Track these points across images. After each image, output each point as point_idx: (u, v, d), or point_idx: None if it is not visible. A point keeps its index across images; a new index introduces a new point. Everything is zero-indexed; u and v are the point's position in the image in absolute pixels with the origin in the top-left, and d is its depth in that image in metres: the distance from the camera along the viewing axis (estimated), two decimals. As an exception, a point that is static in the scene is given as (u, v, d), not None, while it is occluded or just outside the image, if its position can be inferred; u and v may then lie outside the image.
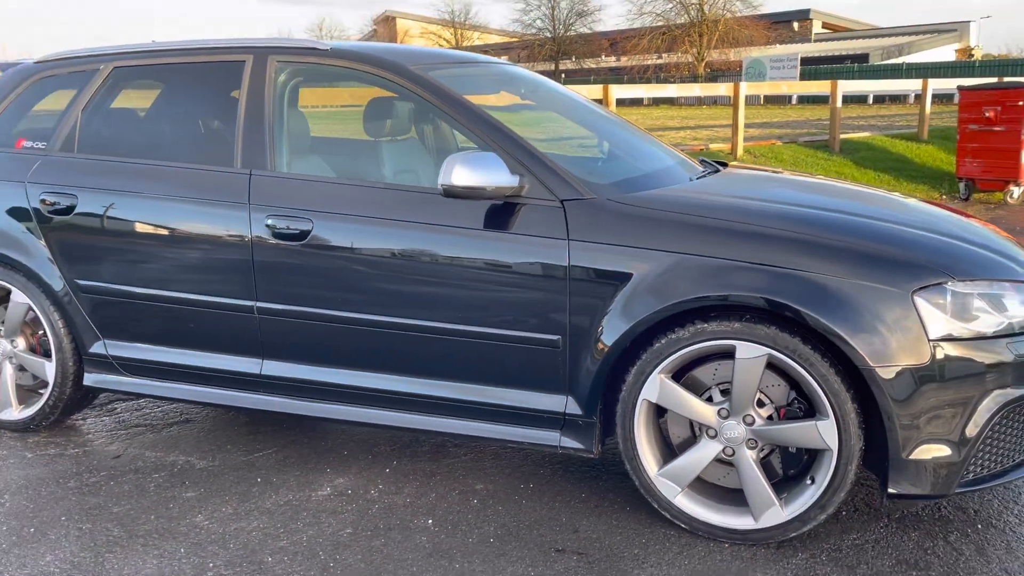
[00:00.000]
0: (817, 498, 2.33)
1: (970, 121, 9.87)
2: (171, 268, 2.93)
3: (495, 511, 2.65)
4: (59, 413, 3.23)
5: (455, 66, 3.11)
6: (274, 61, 2.94)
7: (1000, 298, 2.33)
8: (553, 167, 2.55)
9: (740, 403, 2.36)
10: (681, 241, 2.39)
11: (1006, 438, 2.36)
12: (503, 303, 2.55)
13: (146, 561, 2.38)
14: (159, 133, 3.18)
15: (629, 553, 2.40)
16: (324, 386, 2.81)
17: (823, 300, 2.24)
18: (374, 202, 2.71)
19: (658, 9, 43.54)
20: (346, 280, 2.71)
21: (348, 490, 2.80)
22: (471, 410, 2.66)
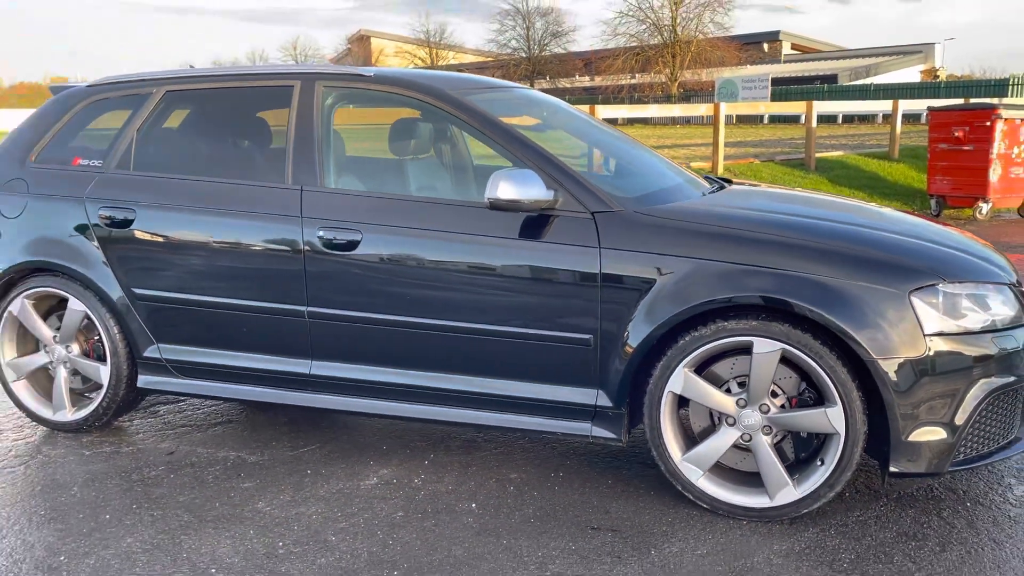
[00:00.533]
0: (827, 478, 2.61)
1: (940, 140, 10.33)
2: (225, 277, 3.16)
3: (531, 496, 2.90)
4: (111, 414, 3.43)
5: (487, 91, 3.38)
6: (321, 86, 3.20)
7: (984, 298, 2.64)
8: (584, 182, 2.83)
9: (757, 393, 2.64)
10: (700, 248, 2.68)
11: (992, 423, 2.66)
12: (539, 306, 2.81)
13: (220, 542, 2.60)
14: (211, 152, 3.41)
15: (658, 530, 2.66)
16: (371, 384, 3.05)
17: (831, 300, 2.53)
18: (418, 214, 2.97)
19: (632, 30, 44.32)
20: (393, 286, 2.96)
21: (393, 480, 3.03)
22: (510, 404, 2.91)
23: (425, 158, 3.76)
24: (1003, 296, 2.69)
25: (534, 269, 2.81)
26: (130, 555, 2.53)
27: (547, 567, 2.45)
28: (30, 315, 3.43)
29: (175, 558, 2.51)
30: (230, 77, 3.41)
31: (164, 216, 3.22)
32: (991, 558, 2.48)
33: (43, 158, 3.51)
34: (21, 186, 3.46)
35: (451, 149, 3.94)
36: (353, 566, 2.46)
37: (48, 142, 3.53)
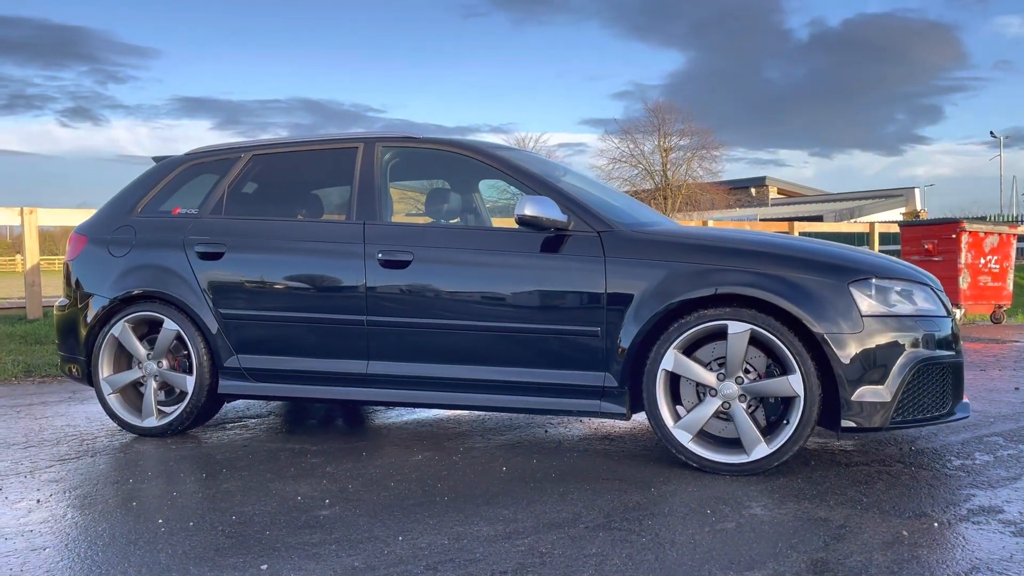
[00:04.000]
0: (792, 434, 3.23)
1: (912, 253, 11.25)
2: (299, 295, 3.87)
3: (551, 464, 3.49)
4: (192, 420, 4.05)
5: (508, 150, 4.22)
6: (379, 146, 4.03)
7: (910, 293, 3.36)
8: (591, 209, 3.61)
9: (733, 367, 3.30)
10: (684, 256, 3.41)
11: (924, 391, 3.30)
12: (558, 305, 3.52)
13: (300, 486, 3.18)
14: (288, 200, 4.21)
15: (657, 479, 3.25)
16: (419, 378, 3.70)
17: (789, 291, 3.24)
18: (459, 239, 3.73)
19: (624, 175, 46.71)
20: (439, 296, 3.67)
21: (435, 457, 3.63)
22: (534, 389, 3.56)
23: (455, 222, 4.57)
24: (925, 294, 3.41)
25: (553, 277, 3.53)
26: (229, 493, 3.11)
27: (567, 496, 3.03)
28: (129, 336, 4.11)
29: (266, 493, 3.10)
30: (305, 143, 4.26)
31: (249, 250, 3.98)
32: (926, 492, 3.07)
33: (147, 211, 4.30)
34: (128, 232, 4.23)
35: (475, 217, 4.76)
36: (410, 496, 3.04)
37: (151, 199, 4.34)
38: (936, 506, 2.91)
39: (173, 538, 2.62)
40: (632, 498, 3.00)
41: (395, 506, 2.92)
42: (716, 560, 2.41)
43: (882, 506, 2.91)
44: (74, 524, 2.79)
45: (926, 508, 2.89)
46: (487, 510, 2.86)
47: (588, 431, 4.15)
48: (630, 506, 2.91)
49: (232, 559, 2.43)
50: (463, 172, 4.47)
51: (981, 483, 3.19)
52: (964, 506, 2.91)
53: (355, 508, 2.90)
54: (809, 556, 2.44)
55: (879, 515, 2.81)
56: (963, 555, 2.45)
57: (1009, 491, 3.08)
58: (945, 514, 2.82)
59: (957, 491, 3.09)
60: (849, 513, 2.83)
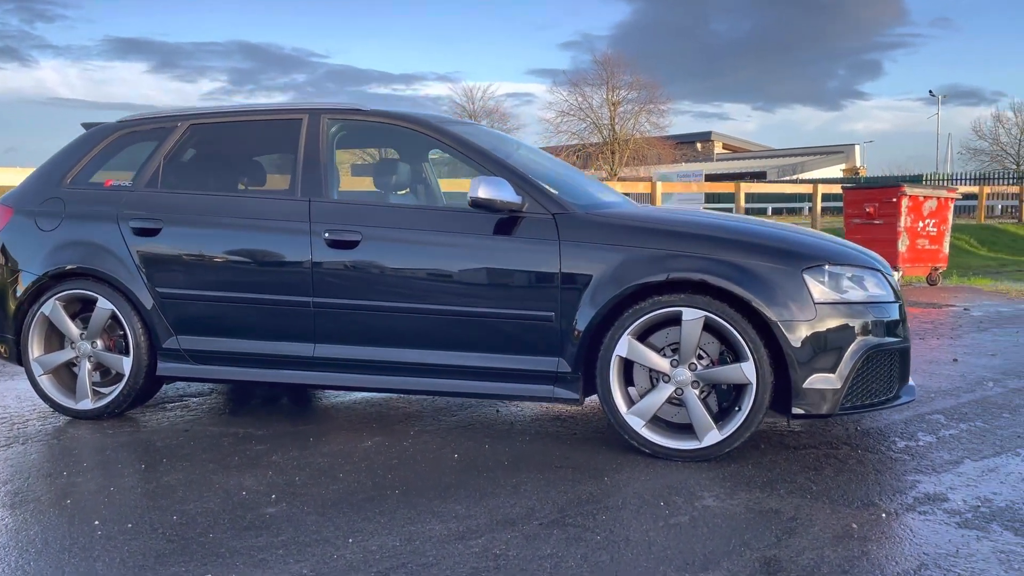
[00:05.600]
0: (744, 420, 3.23)
1: (854, 216, 11.44)
2: (241, 274, 3.72)
3: (504, 450, 3.45)
4: (130, 403, 3.89)
5: (460, 124, 4.08)
6: (325, 118, 3.86)
7: (861, 279, 3.36)
8: (546, 191, 3.52)
9: (686, 354, 3.28)
10: (639, 240, 3.35)
11: (872, 378, 3.33)
12: (511, 289, 3.44)
13: (244, 478, 3.08)
14: (229, 173, 4.02)
15: (609, 467, 3.23)
16: (367, 362, 3.60)
17: (742, 277, 3.22)
18: (409, 218, 3.61)
19: (573, 128, 46.50)
20: (388, 277, 3.56)
21: (385, 443, 3.55)
22: (487, 373, 3.49)
23: (404, 194, 4.43)
24: (876, 279, 3.42)
25: (506, 259, 3.45)
26: (170, 487, 3.00)
27: (520, 488, 2.99)
28: (60, 315, 3.91)
29: (210, 487, 2.99)
30: (247, 112, 4.05)
31: (188, 225, 3.79)
32: (873, 479, 3.12)
33: (76, 182, 4.06)
34: (57, 204, 4.00)
35: (425, 188, 4.63)
36: (360, 490, 2.97)
37: (81, 169, 4.10)
38: (883, 494, 2.95)
39: (111, 543, 2.50)
40: (585, 489, 2.98)
41: (344, 502, 2.85)
42: (671, 559, 2.40)
43: (831, 495, 2.94)
44: (3, 527, 2.66)
45: (874, 496, 2.93)
46: (440, 505, 2.81)
47: (540, 411, 4.12)
48: (584, 498, 2.89)
49: (173, 568, 2.34)
50: (412, 147, 4.32)
51: (925, 467, 3.25)
52: (910, 494, 2.96)
53: (303, 504, 2.82)
54: (762, 553, 2.45)
55: (829, 505, 2.84)
56: (911, 550, 2.49)
57: (952, 476, 3.14)
58: (892, 503, 2.87)
59: (903, 476, 3.14)
60: (799, 503, 2.86)
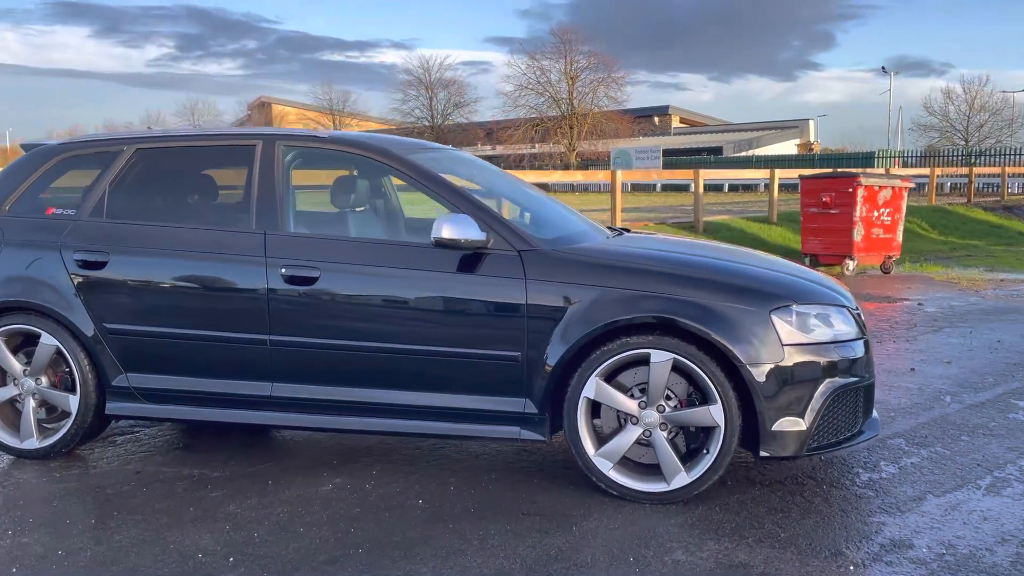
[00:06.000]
0: (712, 463, 3.21)
1: (810, 205, 11.53)
2: (194, 310, 3.57)
3: (469, 494, 3.38)
4: (77, 441, 3.74)
5: (425, 151, 3.95)
6: (280, 145, 3.70)
7: (828, 317, 3.34)
8: (511, 227, 3.42)
9: (654, 396, 3.24)
10: (607, 278, 3.29)
11: (838, 416, 3.32)
12: (475, 328, 3.35)
13: (201, 536, 2.97)
14: (179, 203, 3.84)
15: (577, 512, 3.19)
16: (327, 402, 3.49)
17: (710, 319, 3.17)
18: (370, 253, 3.49)
19: (531, 102, 46.28)
20: (348, 315, 3.44)
21: (347, 486, 3.46)
22: (451, 414, 3.41)
23: (363, 211, 4.30)
24: (842, 316, 3.40)
25: (470, 298, 3.36)
26: (122, 548, 2.88)
27: (487, 542, 2.93)
28: (1, 350, 3.72)
29: (164, 549, 2.87)
30: (197, 138, 3.87)
31: (136, 258, 3.62)
32: (840, 522, 3.12)
33: (16, 208, 3.85)
34: None
35: (385, 203, 4.49)
36: (323, 548, 2.88)
37: (20, 195, 3.88)
38: (850, 540, 2.95)
39: (60, 626, 2.39)
40: (554, 543, 2.93)
41: (306, 564, 2.76)
42: (643, 632, 2.36)
43: (799, 543, 2.93)
44: (-56, 606, 2.52)
45: (840, 544, 2.93)
46: (406, 566, 2.74)
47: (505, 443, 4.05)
48: (552, 555, 2.84)
49: (128, 658, 2.23)
50: (373, 174, 4.17)
51: (889, 506, 3.26)
52: (876, 539, 2.97)
53: (262, 569, 2.72)
54: (734, 621, 2.42)
55: (797, 556, 2.83)
56: (880, 613, 2.48)
57: (916, 517, 3.16)
58: (859, 552, 2.87)
59: (868, 518, 3.15)
60: (768, 555, 2.84)
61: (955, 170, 24.95)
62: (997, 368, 5.62)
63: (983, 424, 4.34)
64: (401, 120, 54.27)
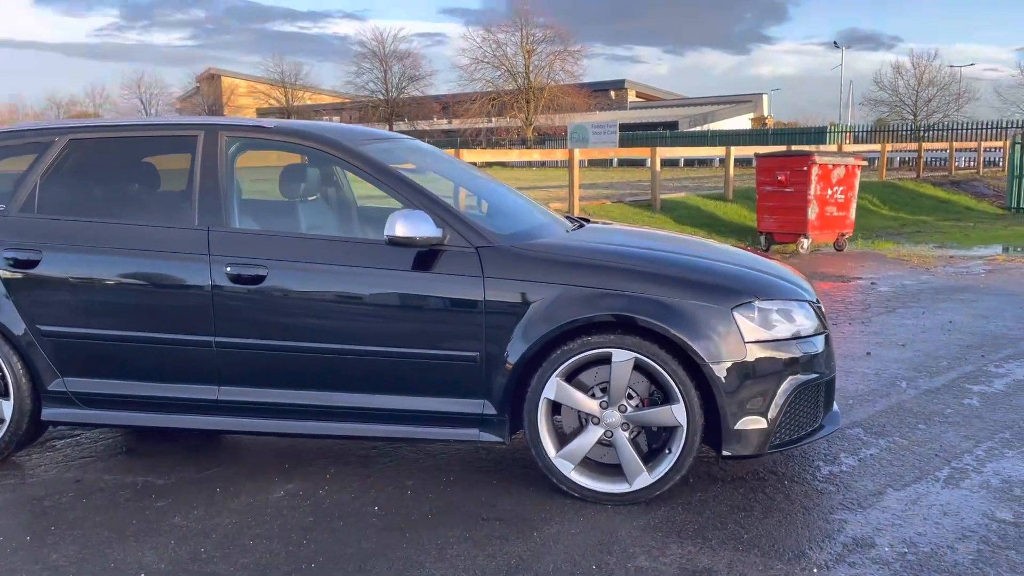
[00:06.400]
0: (674, 463, 3.15)
1: (766, 183, 11.56)
2: (134, 311, 3.39)
3: (426, 498, 3.28)
4: (12, 448, 3.55)
5: (377, 141, 3.79)
6: (224, 136, 3.52)
7: (789, 312, 3.29)
8: (468, 222, 3.30)
9: (616, 396, 3.16)
10: (568, 276, 3.19)
11: (800, 413, 3.29)
12: (432, 329, 3.23)
13: (144, 552, 2.83)
14: (116, 197, 3.64)
15: (538, 516, 3.11)
16: (279, 406, 3.35)
17: (672, 317, 3.10)
18: (320, 251, 3.34)
19: (487, 76, 45.82)
20: (298, 315, 3.30)
21: (299, 492, 3.34)
22: (407, 417, 3.30)
23: (313, 200, 4.13)
24: (804, 311, 3.35)
25: (426, 297, 3.23)
26: (59, 569, 2.72)
27: (446, 551, 2.84)
28: (-74, 355, 3.51)
29: (104, 568, 2.73)
30: (134, 127, 3.66)
31: (71, 256, 3.42)
32: (802, 520, 3.09)
33: (-61, 202, 3.61)
34: None
35: (336, 191, 4.33)
36: (274, 563, 2.76)
37: (-57, 187, 3.64)
38: (813, 541, 2.92)
39: (-11, 661, 2.24)
40: (514, 550, 2.85)
41: (256, 581, 2.64)
42: (607, 649, 2.30)
43: (762, 544, 2.90)
44: None
45: (804, 544, 2.89)
46: (360, 582, 2.63)
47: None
48: (513, 564, 2.76)
49: None
50: (323, 166, 4.01)
51: (851, 502, 3.24)
52: (838, 539, 2.94)
53: (210, 588, 2.60)
54: (699, 633, 2.37)
55: (761, 559, 2.80)
56: (845, 620, 2.45)
57: (877, 512, 3.15)
58: (822, 553, 2.84)
59: (830, 516, 3.13)
60: (732, 558, 2.80)
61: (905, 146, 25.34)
62: (951, 351, 5.68)
63: (939, 411, 4.36)
64: (355, 93, 53.34)
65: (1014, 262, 10.44)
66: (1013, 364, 5.32)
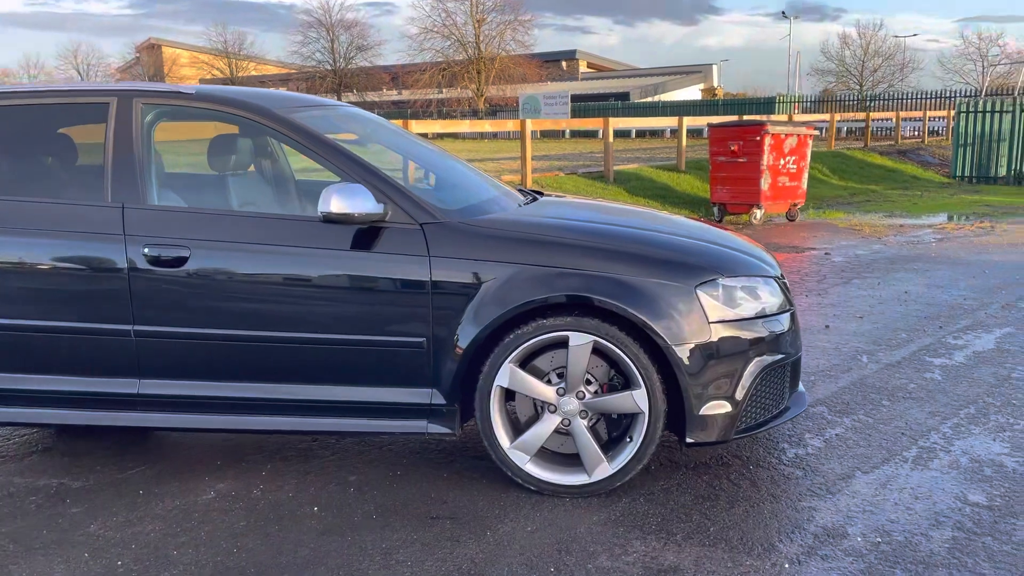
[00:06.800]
0: (635, 452, 2.96)
1: (719, 154, 11.43)
2: (44, 299, 3.06)
3: (371, 495, 3.04)
4: (-91, 451, 3.21)
5: (310, 108, 3.49)
6: (139, 103, 3.18)
7: (755, 289, 3.10)
8: (412, 196, 3.03)
9: (573, 382, 2.95)
10: (520, 254, 2.95)
11: (766, 395, 3.11)
12: (374, 313, 2.97)
13: (53, 568, 2.54)
14: (25, 172, 3.28)
15: (492, 513, 2.89)
16: (207, 400, 3.07)
17: (631, 296, 2.88)
18: (249, 229, 3.04)
19: (437, 46, 45.03)
20: (225, 301, 3.01)
21: (231, 492, 3.07)
22: (350, 409, 3.04)
23: (245, 174, 3.81)
24: (770, 288, 3.17)
25: (367, 279, 2.97)
26: (-47, 591, 2.43)
27: (391, 557, 2.61)
28: None
29: (6, 588, 2.44)
30: (40, 94, 3.29)
31: None
32: (769, 510, 2.92)
33: None
34: None
35: (272, 164, 4.01)
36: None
37: None
38: (782, 532, 2.76)
39: None
40: (466, 552, 2.63)
41: (179, 599, 2.38)
42: (567, 664, 2.09)
43: (729, 537, 2.72)
44: None
45: (773, 537, 2.73)
46: (296, 596, 2.39)
47: (411, 426, 3.72)
48: (464, 568, 2.54)
49: None
50: (252, 136, 3.69)
51: (819, 488, 3.09)
52: (809, 529, 2.78)
53: (126, 608, 2.33)
54: (666, 642, 2.18)
55: (729, 554, 2.62)
56: (821, 622, 2.29)
57: (847, 499, 3.00)
58: (792, 546, 2.68)
59: (798, 503, 2.97)
60: (699, 554, 2.62)
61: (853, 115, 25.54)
62: (908, 322, 5.60)
63: (902, 386, 4.25)
64: (301, 64, 52.00)
65: (962, 230, 10.50)
66: (971, 335, 5.25)
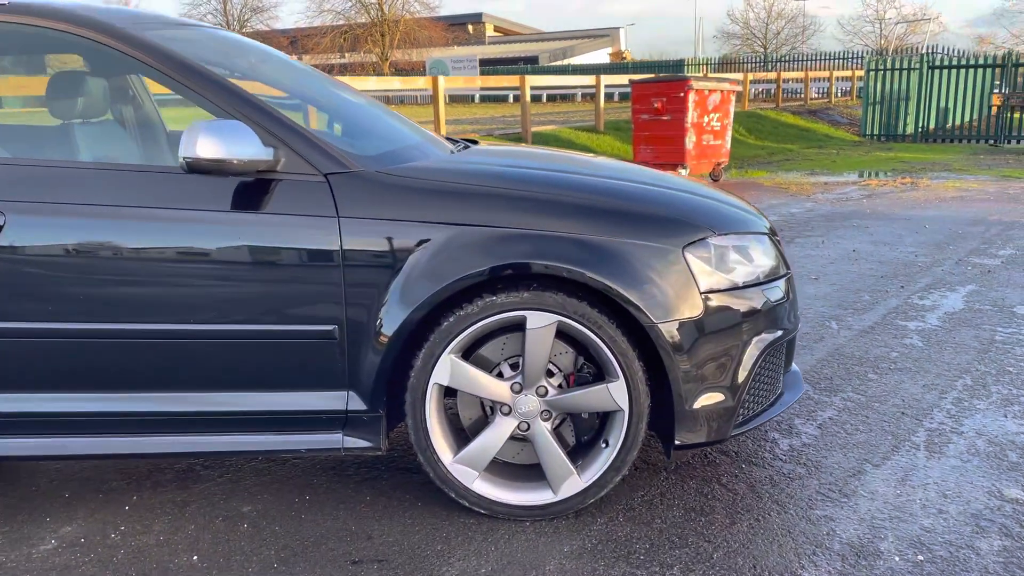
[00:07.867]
0: (612, 460, 2.33)
1: (642, 111, 10.90)
2: None
3: (272, 532, 2.32)
4: None
5: (169, 27, 2.66)
6: (-74, 17, 2.31)
7: (747, 249, 2.49)
8: (312, 138, 2.27)
9: (533, 375, 2.29)
10: (458, 211, 2.25)
11: (765, 379, 2.53)
12: (267, 293, 2.23)
13: None
14: None
15: (432, 550, 2.22)
16: (44, 417, 2.27)
17: (603, 262, 2.23)
18: (88, 187, 2.23)
19: (338, 7, 43.14)
20: (60, 284, 2.21)
21: (80, 538, 2.29)
22: (239, 422, 2.30)
23: (99, 122, 2.96)
24: (763, 247, 2.56)
25: (256, 248, 2.21)
26: None
27: (301, 627, 1.91)
28: None
29: None
30: None
31: None
32: (779, 523, 2.35)
33: None
34: None
35: (135, 111, 3.17)
36: None
37: None
38: (802, 555, 2.18)
39: None
40: (403, 614, 1.95)
41: None
42: None
43: (739, 567, 2.13)
44: None
45: (793, 562, 2.15)
46: None
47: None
48: (402, 639, 1.86)
49: None
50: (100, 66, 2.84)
51: (830, 490, 2.53)
52: (833, 548, 2.22)
53: None
54: None
55: (743, 591, 2.03)
56: None
57: (866, 502, 2.45)
58: (819, 572, 2.10)
59: (811, 512, 2.40)
60: (706, 594, 2.02)
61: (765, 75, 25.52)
62: (867, 283, 5.17)
63: (884, 355, 3.77)
64: (193, 27, 49.00)
65: (887, 186, 10.34)
66: (936, 295, 4.85)
